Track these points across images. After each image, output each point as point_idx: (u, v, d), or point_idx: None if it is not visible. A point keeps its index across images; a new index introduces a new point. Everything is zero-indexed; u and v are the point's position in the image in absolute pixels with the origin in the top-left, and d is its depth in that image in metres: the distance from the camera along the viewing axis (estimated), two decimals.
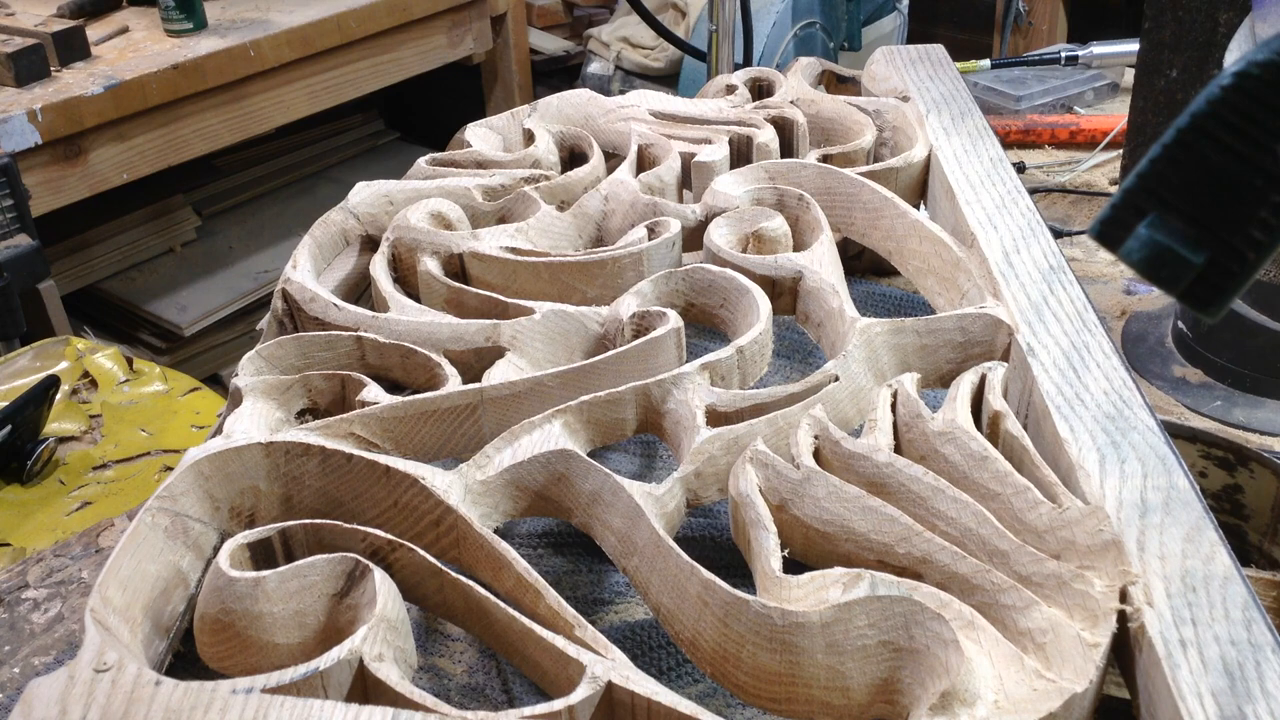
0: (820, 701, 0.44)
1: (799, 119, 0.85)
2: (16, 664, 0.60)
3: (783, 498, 0.51)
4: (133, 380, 1.15)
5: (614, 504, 0.52)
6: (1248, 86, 0.35)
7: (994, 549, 0.47)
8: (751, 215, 0.72)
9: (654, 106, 0.89)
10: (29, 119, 1.46)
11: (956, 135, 0.81)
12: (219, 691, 0.41)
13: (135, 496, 1.01)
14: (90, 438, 1.08)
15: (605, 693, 0.42)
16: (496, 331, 0.62)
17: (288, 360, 0.62)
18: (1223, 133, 0.35)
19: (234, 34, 1.73)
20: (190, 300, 1.97)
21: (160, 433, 1.09)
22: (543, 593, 0.47)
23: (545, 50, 2.55)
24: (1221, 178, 0.36)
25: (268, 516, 0.54)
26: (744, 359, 0.60)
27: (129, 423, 1.10)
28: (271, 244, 2.11)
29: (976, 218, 0.70)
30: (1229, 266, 0.36)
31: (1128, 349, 0.83)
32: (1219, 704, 0.39)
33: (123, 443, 1.07)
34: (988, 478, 0.51)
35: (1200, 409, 0.76)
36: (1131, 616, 0.43)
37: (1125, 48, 1.21)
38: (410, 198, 0.77)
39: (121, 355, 1.17)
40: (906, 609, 0.43)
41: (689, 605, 0.47)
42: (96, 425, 1.09)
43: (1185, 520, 0.47)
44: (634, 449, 0.70)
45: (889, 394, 0.57)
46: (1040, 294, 0.62)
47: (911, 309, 0.81)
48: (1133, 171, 0.37)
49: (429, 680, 0.55)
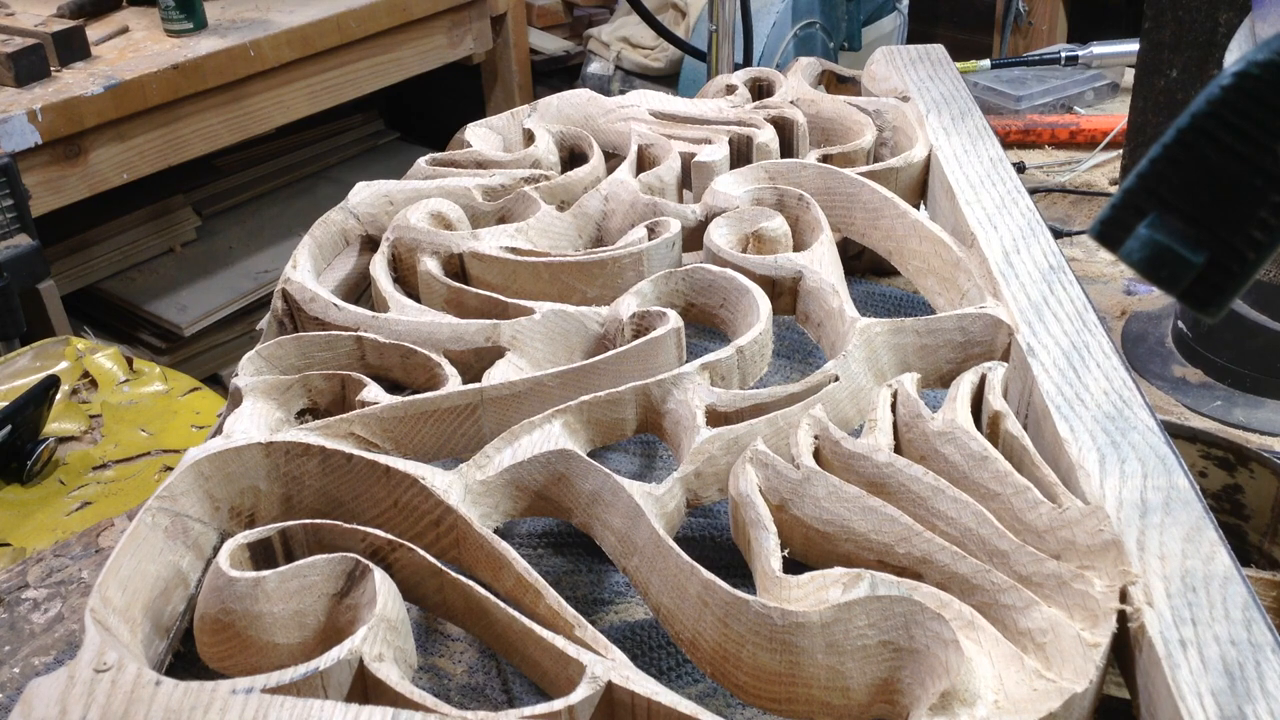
0: (820, 701, 0.44)
1: (799, 119, 0.85)
2: (16, 664, 0.60)
3: (783, 498, 0.51)
4: (133, 380, 1.15)
5: (614, 504, 0.52)
6: (1248, 86, 0.35)
7: (994, 549, 0.47)
8: (751, 215, 0.72)
9: (654, 106, 0.89)
10: (29, 119, 1.46)
11: (956, 135, 0.81)
12: (219, 691, 0.41)
13: (135, 496, 1.01)
14: (90, 438, 1.08)
15: (605, 693, 0.42)
16: (496, 331, 0.62)
17: (288, 360, 0.62)
18: (1223, 133, 0.35)
19: (234, 34, 1.73)
20: (190, 300, 1.97)
21: (160, 433, 1.09)
22: (543, 593, 0.47)
23: (545, 50, 2.55)
24: (1221, 178, 0.36)
25: (268, 516, 0.54)
26: (744, 359, 0.60)
27: (129, 423, 1.10)
28: (271, 244, 2.11)
29: (976, 218, 0.70)
30: (1229, 266, 0.36)
31: (1128, 349, 0.83)
32: (1219, 704, 0.39)
33: (123, 443, 1.07)
34: (988, 478, 0.51)
35: (1200, 409, 0.76)
36: (1131, 616, 0.43)
37: (1125, 48, 1.21)
38: (410, 198, 0.77)
39: (121, 355, 1.17)
40: (906, 609, 0.43)
41: (689, 605, 0.47)
42: (96, 425, 1.09)
43: (1185, 520, 0.47)
44: (634, 449, 0.70)
45: (889, 394, 0.57)
46: (1040, 294, 0.62)
47: (911, 309, 0.81)
48: (1133, 171, 0.37)
49: (429, 680, 0.55)
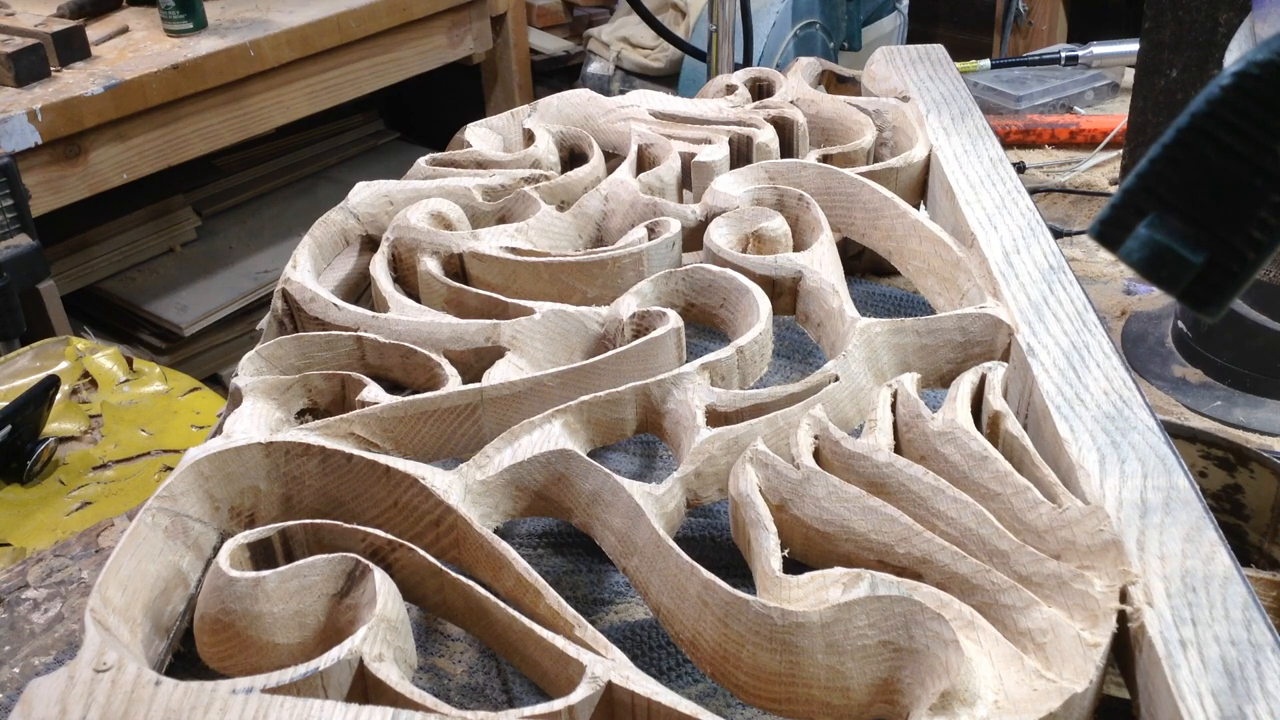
0: (820, 701, 0.44)
1: (799, 119, 0.85)
2: (16, 664, 0.60)
3: (783, 498, 0.51)
4: (133, 380, 1.15)
5: (614, 504, 0.52)
6: (1248, 86, 0.35)
7: (994, 549, 0.47)
8: (751, 215, 0.72)
9: (654, 106, 0.89)
10: (29, 119, 1.46)
11: (956, 135, 0.81)
12: (219, 691, 0.41)
13: (135, 496, 1.01)
14: (90, 438, 1.08)
15: (605, 693, 0.42)
16: (496, 331, 0.62)
17: (288, 360, 0.62)
18: (1223, 133, 0.35)
19: (234, 34, 1.73)
20: (190, 300, 1.97)
21: (160, 433, 1.09)
22: (543, 593, 0.47)
23: (545, 50, 2.55)
24: (1221, 178, 0.36)
25: (268, 516, 0.54)
26: (744, 359, 0.60)
27: (129, 423, 1.10)
28: (271, 244, 2.11)
29: (976, 218, 0.70)
30: (1229, 266, 0.36)
31: (1128, 349, 0.83)
32: (1219, 704, 0.39)
33: (123, 443, 1.07)
34: (988, 478, 0.51)
35: (1200, 409, 0.76)
36: (1131, 616, 0.43)
37: (1125, 48, 1.21)
38: (410, 198, 0.77)
39: (121, 355, 1.17)
40: (906, 609, 0.43)
41: (689, 605, 0.47)
42: (96, 425, 1.09)
43: (1185, 520, 0.47)
44: (634, 449, 0.70)
45: (889, 394, 0.57)
46: (1040, 294, 0.62)
47: (911, 309, 0.81)
48: (1133, 171, 0.37)
49: (429, 680, 0.55)
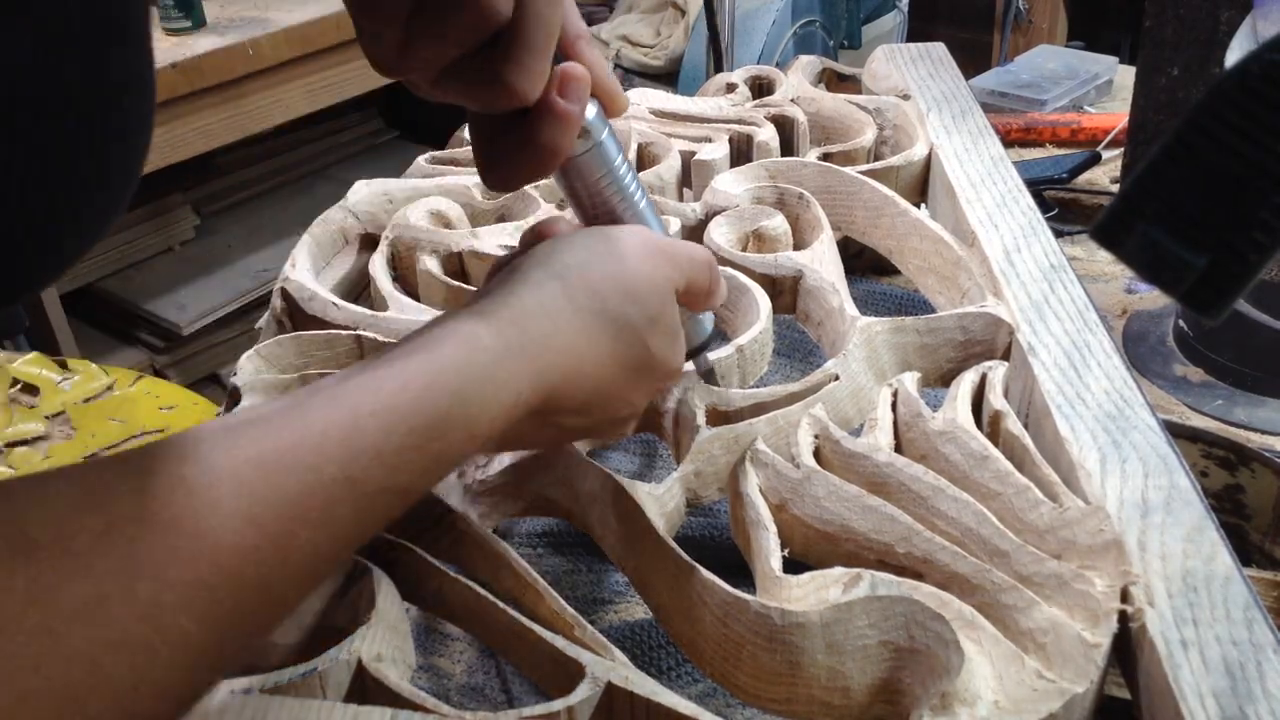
0: (820, 701, 0.44)
1: (799, 117, 0.85)
2: None
3: (783, 497, 0.51)
4: (74, 379, 1.14)
5: (614, 504, 0.52)
6: (1248, 86, 0.35)
7: (994, 549, 0.47)
8: (752, 214, 0.72)
9: (654, 105, 0.88)
10: None
11: (957, 133, 0.81)
12: (218, 691, 0.41)
13: None
14: (63, 433, 1.07)
15: (605, 693, 0.42)
16: None
17: (286, 359, 0.62)
18: (1223, 133, 0.35)
19: (233, 32, 1.73)
20: (189, 299, 1.97)
21: (131, 418, 1.09)
22: (542, 593, 0.47)
23: None
24: (1222, 178, 0.36)
25: None
26: (744, 358, 0.60)
27: (95, 415, 1.10)
28: (270, 243, 2.11)
29: (977, 216, 0.69)
30: (1230, 268, 0.36)
31: (1129, 348, 0.83)
32: (1220, 704, 0.38)
33: (99, 432, 1.07)
34: (988, 477, 0.51)
35: (1201, 408, 0.76)
36: (1132, 616, 0.42)
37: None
38: (409, 196, 0.77)
39: (44, 357, 1.16)
40: (906, 609, 0.43)
41: (689, 605, 0.47)
42: (64, 422, 1.09)
43: (1186, 520, 0.46)
44: (634, 449, 0.70)
45: (889, 393, 0.57)
46: (1041, 293, 0.62)
47: (912, 308, 0.81)
48: (1134, 172, 0.37)
49: (428, 680, 0.55)
